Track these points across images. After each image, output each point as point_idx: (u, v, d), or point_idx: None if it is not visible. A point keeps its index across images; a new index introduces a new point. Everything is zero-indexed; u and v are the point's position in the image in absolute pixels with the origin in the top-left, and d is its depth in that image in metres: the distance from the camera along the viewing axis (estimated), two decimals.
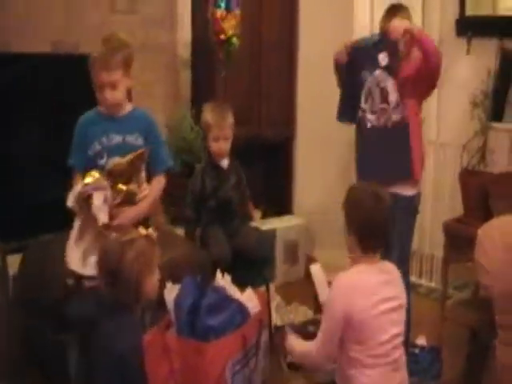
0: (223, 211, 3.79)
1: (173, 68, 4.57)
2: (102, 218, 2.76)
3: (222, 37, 4.18)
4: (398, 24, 3.30)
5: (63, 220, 2.93)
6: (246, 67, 4.67)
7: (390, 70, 3.36)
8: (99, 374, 2.30)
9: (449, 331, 3.79)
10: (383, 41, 3.39)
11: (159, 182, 3.16)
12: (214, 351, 2.45)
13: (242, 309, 2.64)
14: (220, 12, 4.16)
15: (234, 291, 2.76)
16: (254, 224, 4.10)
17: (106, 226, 2.75)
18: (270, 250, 4.35)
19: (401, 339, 2.52)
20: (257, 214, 4.73)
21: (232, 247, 3.69)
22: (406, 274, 3.42)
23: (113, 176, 2.89)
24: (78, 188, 2.79)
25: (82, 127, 3.05)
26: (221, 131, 3.73)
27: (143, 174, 3.05)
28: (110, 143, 2.99)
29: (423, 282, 4.64)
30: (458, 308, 4.06)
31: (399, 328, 2.50)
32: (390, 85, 3.37)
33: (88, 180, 2.80)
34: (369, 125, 3.46)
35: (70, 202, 2.81)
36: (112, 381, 2.25)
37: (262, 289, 3.69)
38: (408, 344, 3.21)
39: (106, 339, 2.28)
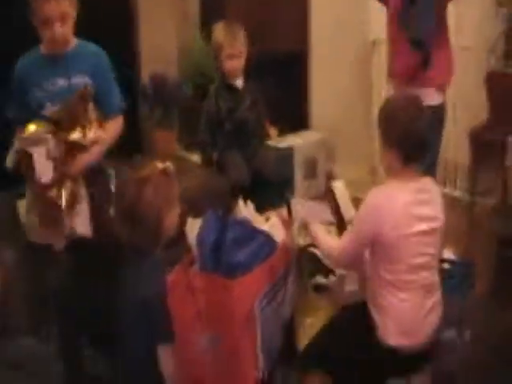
0: (240, 134, 3.65)
1: None
2: (45, 177, 2.53)
3: None
4: None
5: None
6: None
7: None
8: (125, 321, 2.23)
9: (477, 241, 3.69)
10: None
11: (114, 125, 2.84)
12: (241, 288, 2.35)
13: (268, 240, 2.53)
14: None
15: (258, 221, 2.65)
16: (271, 143, 3.98)
17: (47, 187, 2.55)
18: (289, 169, 4.27)
19: (435, 263, 2.43)
20: (274, 132, 4.61)
21: (250, 170, 3.61)
22: None
23: (54, 125, 2.59)
24: (16, 145, 2.54)
25: (20, 72, 2.73)
26: (233, 48, 3.58)
27: (92, 116, 2.71)
28: (53, 88, 2.67)
29: (447, 190, 4.52)
30: (486, 216, 3.95)
31: (433, 250, 2.41)
32: None
33: (26, 134, 2.53)
34: None
35: (10, 161, 2.56)
36: (138, 328, 2.18)
37: (284, 210, 3.61)
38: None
39: (128, 288, 2.19)
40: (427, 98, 3.21)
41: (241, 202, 2.83)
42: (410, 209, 2.32)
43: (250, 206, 2.82)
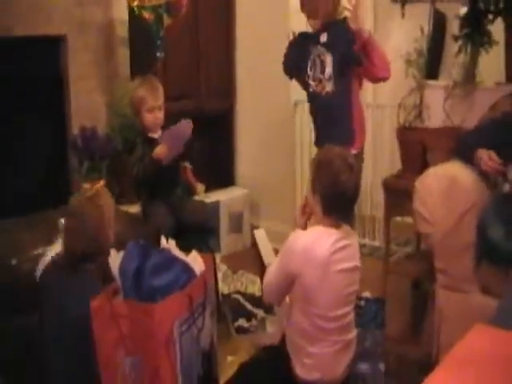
0: (162, 183, 3.76)
1: (110, 47, 4.50)
2: None
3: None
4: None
5: None
6: (183, 40, 4.63)
7: (327, 46, 3.53)
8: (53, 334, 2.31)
9: (392, 285, 3.86)
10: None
11: None
12: (160, 312, 2.43)
13: (187, 268, 2.63)
14: None
15: (178, 253, 2.75)
16: (197, 198, 4.10)
17: None
18: (215, 222, 4.37)
19: (352, 302, 2.56)
20: (200, 187, 4.73)
21: (176, 220, 3.70)
22: None
23: None
24: None
25: None
26: (155, 101, 3.70)
27: None
28: None
29: (366, 241, 4.73)
30: (401, 262, 4.16)
31: (351, 291, 2.52)
32: (328, 60, 3.52)
33: None
34: (311, 89, 3.63)
35: None
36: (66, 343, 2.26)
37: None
38: None
39: (63, 300, 2.29)
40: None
41: (163, 240, 2.93)
42: (332, 254, 2.41)
43: (172, 242, 2.91)
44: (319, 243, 2.41)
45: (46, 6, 3.93)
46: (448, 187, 2.87)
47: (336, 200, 2.43)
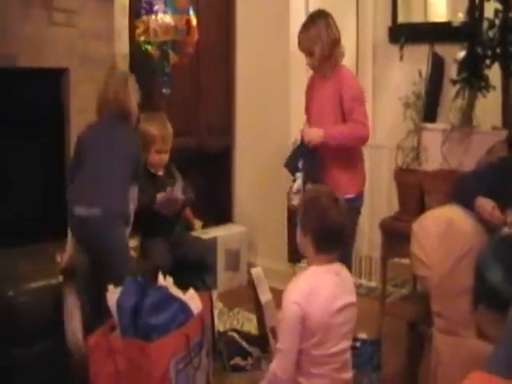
0: (163, 220, 3.77)
1: None
2: None
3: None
4: (306, 131, 3.53)
5: None
6: (185, 78, 4.67)
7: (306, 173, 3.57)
8: None
9: (389, 326, 3.87)
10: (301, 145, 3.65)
11: None
12: (157, 350, 2.45)
13: (184, 307, 2.65)
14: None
15: (176, 291, 2.77)
16: (195, 233, 4.11)
17: None
18: (212, 259, 4.37)
19: (351, 339, 2.57)
20: (198, 223, 4.75)
21: (173, 256, 3.70)
22: None
23: None
24: None
25: None
26: (165, 144, 3.76)
27: None
28: None
29: (363, 281, 4.73)
30: (397, 303, 4.16)
31: (348, 329, 2.54)
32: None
33: None
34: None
35: None
36: None
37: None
38: None
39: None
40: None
41: (160, 277, 2.95)
42: (334, 293, 2.44)
43: (169, 279, 2.93)
44: (319, 281, 2.45)
45: (50, 39, 3.96)
46: (445, 230, 2.89)
47: (327, 236, 2.47)
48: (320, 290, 2.42)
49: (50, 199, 4.02)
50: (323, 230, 2.46)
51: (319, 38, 3.50)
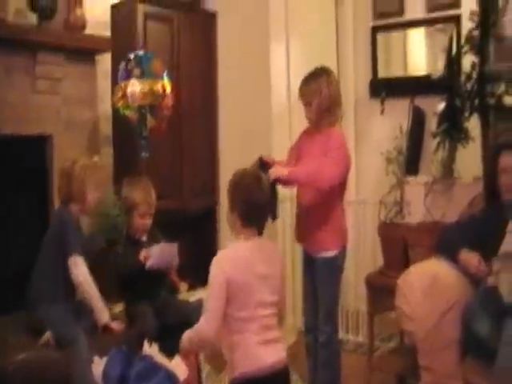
0: (148, 285, 3.73)
1: (95, 144, 4.54)
2: None
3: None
4: (272, 169, 3.46)
5: None
6: (167, 140, 4.65)
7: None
8: None
9: (377, 381, 3.84)
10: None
11: None
12: None
13: (170, 375, 2.63)
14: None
15: (161, 359, 2.74)
16: (181, 296, 4.07)
17: None
18: (198, 320, 4.31)
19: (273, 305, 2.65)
20: (184, 286, 4.70)
21: (159, 321, 3.64)
22: (334, 333, 3.46)
23: None
24: None
25: None
26: (148, 208, 3.74)
27: None
28: None
29: (350, 337, 4.69)
30: (385, 357, 4.13)
31: (272, 301, 2.64)
32: None
33: None
34: None
35: None
36: None
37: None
38: None
39: None
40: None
41: (146, 344, 2.91)
42: (254, 263, 2.61)
43: (155, 346, 2.90)
44: (240, 251, 2.65)
45: (34, 106, 4.00)
46: (430, 285, 2.89)
47: (251, 210, 2.69)
48: (242, 256, 2.62)
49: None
50: (247, 205, 2.69)
51: (319, 91, 3.52)
